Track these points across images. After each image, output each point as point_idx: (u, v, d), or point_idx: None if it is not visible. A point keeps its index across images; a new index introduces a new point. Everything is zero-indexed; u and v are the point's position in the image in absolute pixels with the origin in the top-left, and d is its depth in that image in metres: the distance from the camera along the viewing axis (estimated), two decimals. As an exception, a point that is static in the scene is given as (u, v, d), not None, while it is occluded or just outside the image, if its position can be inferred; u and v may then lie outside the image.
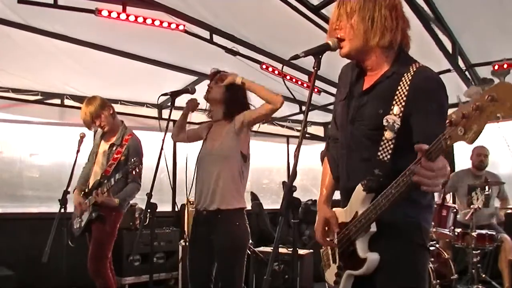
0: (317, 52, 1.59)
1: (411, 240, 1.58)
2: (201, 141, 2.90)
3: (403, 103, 1.52)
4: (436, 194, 4.28)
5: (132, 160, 3.19)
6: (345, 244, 1.66)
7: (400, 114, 1.52)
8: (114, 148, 3.44)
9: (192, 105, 2.95)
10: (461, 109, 1.15)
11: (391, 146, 1.54)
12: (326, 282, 1.82)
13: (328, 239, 1.77)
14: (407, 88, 1.53)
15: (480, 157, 4.93)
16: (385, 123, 1.53)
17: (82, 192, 3.49)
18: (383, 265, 1.55)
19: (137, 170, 3.16)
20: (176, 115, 3.02)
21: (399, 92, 1.54)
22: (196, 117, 3.11)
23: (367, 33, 1.58)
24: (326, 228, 1.77)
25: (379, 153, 1.56)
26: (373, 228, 1.56)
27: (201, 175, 2.76)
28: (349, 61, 1.79)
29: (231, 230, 2.64)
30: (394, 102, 1.54)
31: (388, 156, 1.54)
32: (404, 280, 1.57)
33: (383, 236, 1.56)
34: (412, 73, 1.55)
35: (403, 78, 1.56)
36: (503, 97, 1.08)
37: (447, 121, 1.18)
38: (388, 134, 1.54)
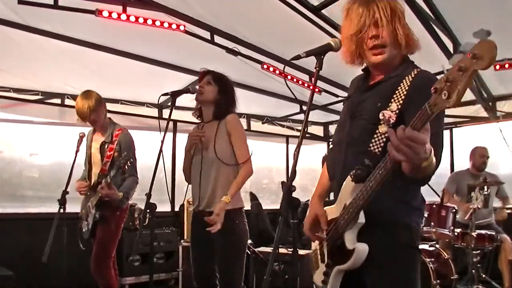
0: (319, 53, 1.60)
1: (400, 241, 1.59)
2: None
3: (401, 101, 1.55)
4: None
5: (123, 154, 3.15)
6: (334, 238, 1.66)
7: (397, 111, 1.54)
8: (106, 146, 3.42)
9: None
10: (446, 74, 1.16)
11: (384, 140, 1.56)
12: (314, 283, 1.81)
13: (316, 234, 1.79)
14: (407, 88, 1.56)
15: (483, 158, 4.92)
16: (380, 117, 1.55)
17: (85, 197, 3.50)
18: (372, 265, 1.56)
19: (129, 164, 3.12)
20: (177, 115, 3.01)
21: (399, 91, 1.57)
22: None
23: (405, 40, 1.61)
24: (315, 224, 1.79)
25: (371, 145, 1.58)
26: (361, 219, 1.55)
27: (198, 177, 2.76)
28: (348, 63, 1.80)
29: (231, 229, 2.66)
30: (392, 100, 1.57)
31: (380, 149, 1.56)
32: (392, 280, 1.57)
33: (373, 237, 1.56)
34: (413, 75, 1.59)
35: (404, 80, 1.59)
36: (484, 53, 1.10)
37: (432, 88, 1.18)
38: (382, 128, 1.57)
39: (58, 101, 5.65)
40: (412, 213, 1.63)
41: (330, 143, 1.98)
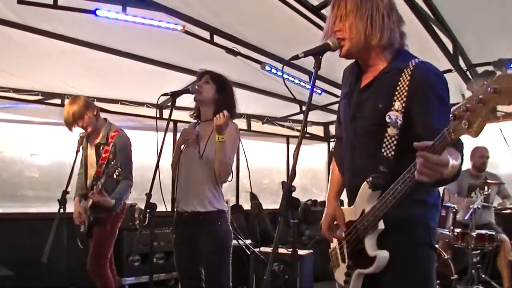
0: (317, 53, 1.59)
1: (418, 239, 1.59)
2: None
3: (404, 98, 1.53)
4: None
5: (112, 163, 3.13)
6: (354, 242, 1.67)
7: (402, 110, 1.52)
8: (101, 148, 3.39)
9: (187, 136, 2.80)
10: (465, 103, 1.15)
11: (395, 142, 1.55)
12: (336, 281, 1.83)
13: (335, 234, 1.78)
14: (407, 83, 1.54)
15: (483, 158, 4.91)
16: (387, 120, 1.53)
17: (82, 199, 3.49)
18: (390, 265, 1.56)
19: (117, 173, 3.11)
20: (177, 115, 3.00)
21: (400, 88, 1.54)
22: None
23: (366, 33, 1.58)
24: (334, 223, 1.79)
25: (382, 150, 1.56)
26: (381, 225, 1.56)
27: (183, 176, 2.72)
28: (349, 62, 1.79)
29: (213, 231, 2.62)
30: (395, 98, 1.54)
31: (392, 153, 1.55)
32: (411, 280, 1.58)
33: (391, 236, 1.56)
34: (411, 68, 1.56)
35: (402, 74, 1.56)
36: (506, 88, 1.07)
37: (451, 115, 1.18)
38: (391, 131, 1.55)
39: (58, 101, 5.65)
40: (429, 210, 1.62)
41: (335, 138, 1.95)
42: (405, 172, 1.42)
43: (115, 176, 3.13)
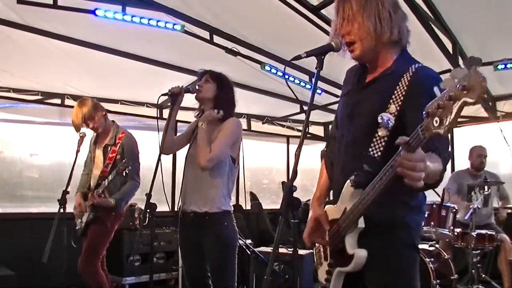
0: (320, 53, 1.59)
1: (398, 239, 1.60)
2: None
3: (400, 102, 1.53)
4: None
5: (123, 161, 3.17)
6: (335, 241, 1.67)
7: (396, 113, 1.53)
8: (109, 149, 3.45)
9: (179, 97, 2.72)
10: (436, 100, 1.15)
11: (383, 143, 1.55)
12: (319, 280, 1.83)
13: (317, 238, 1.77)
14: (405, 88, 1.54)
15: (481, 158, 4.91)
16: (379, 120, 1.53)
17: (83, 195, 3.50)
18: (372, 264, 1.57)
19: (127, 172, 3.15)
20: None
21: (397, 92, 1.55)
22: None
23: (377, 30, 1.57)
24: (317, 226, 1.77)
25: (370, 149, 1.57)
26: (361, 224, 1.56)
27: (188, 176, 2.72)
28: (350, 62, 1.79)
29: (219, 231, 2.62)
30: (391, 101, 1.54)
31: (379, 153, 1.55)
32: (392, 278, 1.58)
33: (372, 235, 1.57)
34: (411, 73, 1.56)
35: (402, 78, 1.56)
36: (474, 85, 1.08)
37: (424, 112, 1.18)
38: (381, 132, 1.55)
39: (58, 101, 5.65)
40: (410, 213, 1.62)
41: (330, 139, 1.95)
42: (383, 169, 1.40)
43: (124, 174, 3.17)
